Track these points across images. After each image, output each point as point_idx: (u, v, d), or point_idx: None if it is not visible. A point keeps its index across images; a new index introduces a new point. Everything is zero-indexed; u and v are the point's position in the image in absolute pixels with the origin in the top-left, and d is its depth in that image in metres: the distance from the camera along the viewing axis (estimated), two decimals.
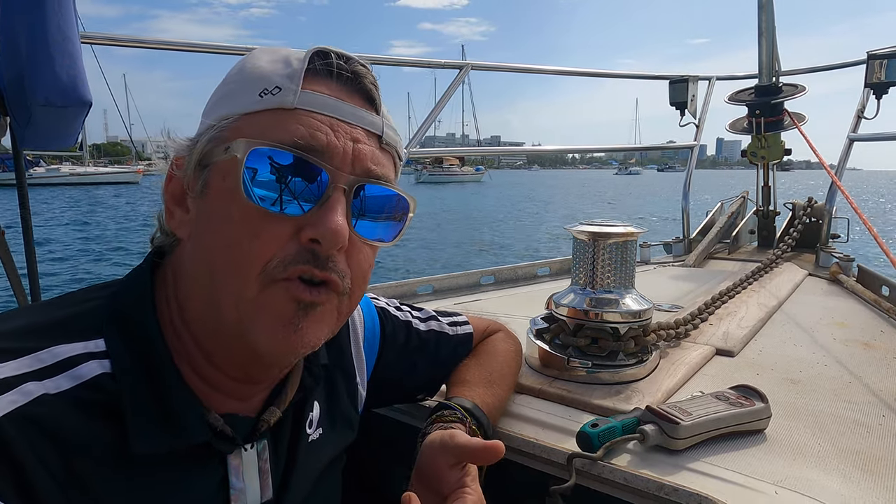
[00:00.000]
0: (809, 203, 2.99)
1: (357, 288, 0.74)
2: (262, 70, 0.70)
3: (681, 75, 3.28)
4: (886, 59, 2.68)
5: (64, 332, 0.65)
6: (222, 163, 0.68)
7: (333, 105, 0.69)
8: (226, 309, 0.67)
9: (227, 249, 0.67)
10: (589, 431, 1.00)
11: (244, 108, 0.69)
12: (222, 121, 0.69)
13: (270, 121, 0.67)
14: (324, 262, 0.68)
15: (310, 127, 0.67)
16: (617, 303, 1.28)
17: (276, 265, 0.66)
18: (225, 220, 0.67)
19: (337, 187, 0.68)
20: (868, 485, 0.91)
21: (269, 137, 0.66)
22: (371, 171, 0.71)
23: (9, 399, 0.57)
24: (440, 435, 0.88)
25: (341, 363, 0.96)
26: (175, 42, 2.17)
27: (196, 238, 0.71)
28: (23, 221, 1.87)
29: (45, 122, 1.48)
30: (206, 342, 0.71)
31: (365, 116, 0.71)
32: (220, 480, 0.71)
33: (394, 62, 2.83)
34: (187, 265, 0.72)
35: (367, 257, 0.74)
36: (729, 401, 1.08)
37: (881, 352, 1.54)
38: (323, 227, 0.66)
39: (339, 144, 0.68)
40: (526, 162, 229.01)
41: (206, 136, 0.70)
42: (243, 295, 0.66)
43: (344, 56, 0.72)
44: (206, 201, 0.69)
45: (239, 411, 0.75)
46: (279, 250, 0.66)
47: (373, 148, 0.71)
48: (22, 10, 1.38)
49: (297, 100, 0.67)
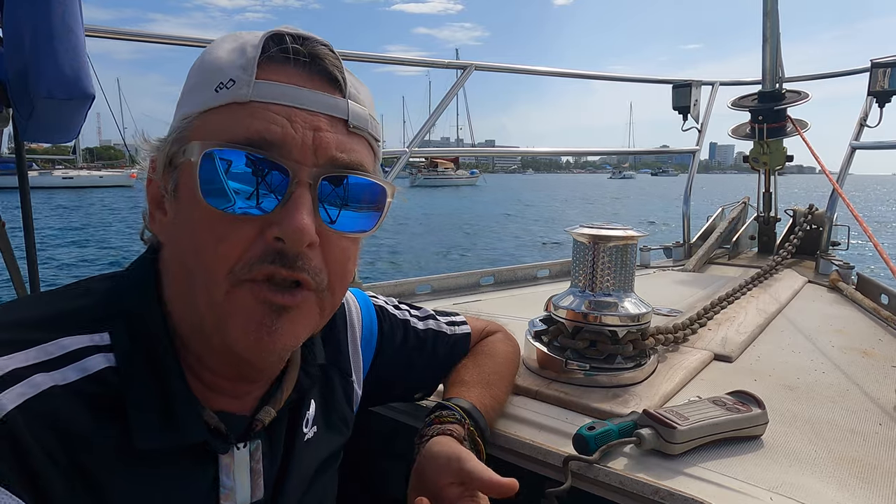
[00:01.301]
0: (810, 210, 2.99)
1: (338, 282, 0.71)
2: (220, 61, 0.67)
3: (684, 80, 3.28)
4: (890, 68, 2.68)
5: (69, 324, 0.65)
6: (186, 164, 0.66)
7: (291, 93, 0.65)
8: (202, 311, 0.67)
9: (195, 253, 0.66)
10: (585, 434, 1.00)
11: (202, 105, 0.66)
12: (184, 120, 0.67)
13: (225, 117, 0.65)
14: (293, 261, 0.65)
15: (265, 121, 0.64)
16: (616, 306, 1.28)
17: (241, 266, 0.64)
18: (191, 223, 0.66)
19: (300, 182, 0.64)
20: (864, 493, 0.91)
21: (224, 135, 0.64)
22: (336, 159, 0.67)
23: (18, 391, 0.57)
24: (446, 451, 0.87)
25: (338, 361, 0.96)
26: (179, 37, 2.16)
27: (172, 241, 0.70)
28: (23, 212, 1.87)
29: (47, 114, 1.48)
30: (195, 342, 0.71)
31: (326, 101, 0.67)
32: (212, 478, 0.71)
33: (398, 61, 2.84)
34: (170, 267, 0.71)
35: (344, 250, 0.71)
36: (726, 406, 1.08)
37: (879, 360, 1.54)
38: (286, 226, 0.63)
39: (298, 136, 0.64)
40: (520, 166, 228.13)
41: (171, 137, 0.68)
42: (213, 298, 0.65)
43: (300, 37, 0.67)
44: (178, 203, 0.68)
45: (233, 409, 0.75)
46: (244, 252, 0.64)
47: (337, 135, 0.67)
48: (27, 2, 1.38)
49: (252, 92, 0.64)
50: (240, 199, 0.64)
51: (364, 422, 1.04)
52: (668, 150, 4.04)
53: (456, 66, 2.83)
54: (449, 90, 2.84)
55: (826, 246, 2.84)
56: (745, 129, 3.21)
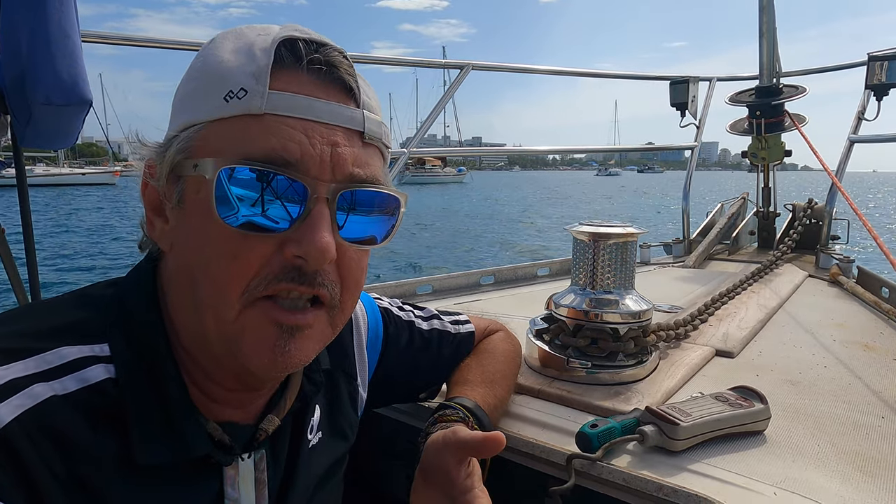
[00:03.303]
0: (809, 204, 2.99)
1: (349, 296, 0.70)
2: (226, 65, 0.63)
3: (682, 76, 3.29)
4: (887, 61, 2.69)
5: (69, 333, 0.64)
6: (194, 178, 0.64)
7: (307, 105, 0.62)
8: (209, 327, 0.65)
9: (206, 269, 0.63)
10: (588, 432, 1.00)
11: (210, 115, 0.63)
12: (189, 128, 0.64)
13: (238, 130, 0.62)
14: (311, 278, 0.64)
15: (282, 137, 0.61)
16: (617, 303, 1.28)
17: (257, 283, 0.62)
18: (203, 238, 0.63)
19: (319, 199, 0.63)
20: (867, 486, 0.91)
21: (239, 151, 0.61)
22: (354, 175, 0.65)
23: (16, 402, 0.56)
24: (442, 434, 0.86)
25: (343, 365, 0.96)
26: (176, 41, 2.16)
27: (177, 251, 0.68)
28: (23, 220, 1.87)
29: (45, 120, 1.48)
30: (198, 353, 0.69)
31: (343, 113, 0.65)
32: (217, 490, 0.70)
33: (395, 61, 2.83)
34: (173, 276, 0.69)
35: (358, 262, 0.70)
36: (728, 402, 1.08)
37: (881, 353, 1.54)
38: (307, 244, 0.62)
39: (316, 153, 0.62)
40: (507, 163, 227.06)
41: (175, 146, 0.65)
42: (224, 316, 0.63)
43: (315, 43, 0.64)
44: (183, 213, 0.66)
45: (237, 419, 0.74)
46: (261, 268, 0.63)
47: (354, 149, 0.65)
48: (23, 8, 1.38)
49: (266, 104, 0.61)
50: (256, 217, 0.62)
51: (367, 423, 1.04)
52: (668, 147, 4.03)
53: (453, 66, 2.83)
54: (447, 90, 2.84)
55: (826, 240, 2.84)
56: (743, 124, 3.21)
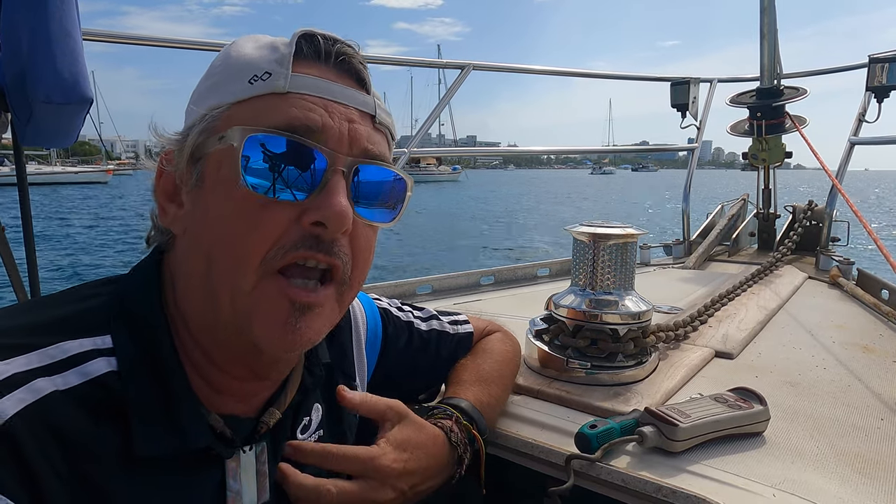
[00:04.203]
0: (809, 206, 2.99)
1: (359, 272, 0.73)
2: (249, 57, 0.69)
3: (682, 77, 3.28)
4: (888, 63, 2.69)
5: (71, 328, 0.65)
6: (217, 153, 0.67)
7: (326, 87, 0.68)
8: (223, 303, 0.67)
9: (225, 242, 0.66)
10: (587, 433, 1.00)
11: (235, 97, 0.68)
12: (213, 110, 0.68)
13: (263, 106, 0.66)
14: (329, 247, 0.67)
15: (304, 109, 0.66)
16: (616, 304, 1.28)
17: (275, 252, 0.65)
18: (222, 211, 0.66)
19: (336, 170, 0.67)
20: (866, 488, 0.91)
21: (264, 123, 0.65)
22: (368, 150, 0.70)
23: (18, 397, 0.57)
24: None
25: (342, 365, 0.96)
26: (176, 41, 2.16)
27: (192, 232, 0.70)
28: (23, 217, 1.87)
29: (45, 119, 1.48)
30: (207, 341, 0.71)
31: (357, 96, 0.71)
32: (218, 482, 0.71)
33: (396, 61, 2.84)
34: (184, 261, 0.71)
35: (368, 239, 0.73)
36: (728, 403, 1.08)
37: (880, 355, 1.54)
38: (327, 210, 0.65)
39: (335, 125, 0.67)
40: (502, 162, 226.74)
41: (197, 127, 0.68)
42: (240, 288, 0.66)
43: (331, 38, 0.71)
44: (201, 193, 0.68)
45: (240, 413, 0.75)
46: (280, 237, 0.65)
47: (367, 128, 0.71)
48: (24, 6, 1.38)
49: (289, 83, 0.66)
50: (277, 186, 0.65)
51: (363, 422, 1.04)
52: (668, 148, 4.03)
53: (454, 67, 2.83)
54: (447, 91, 2.84)
55: (826, 242, 2.84)
56: (744, 125, 3.21)
